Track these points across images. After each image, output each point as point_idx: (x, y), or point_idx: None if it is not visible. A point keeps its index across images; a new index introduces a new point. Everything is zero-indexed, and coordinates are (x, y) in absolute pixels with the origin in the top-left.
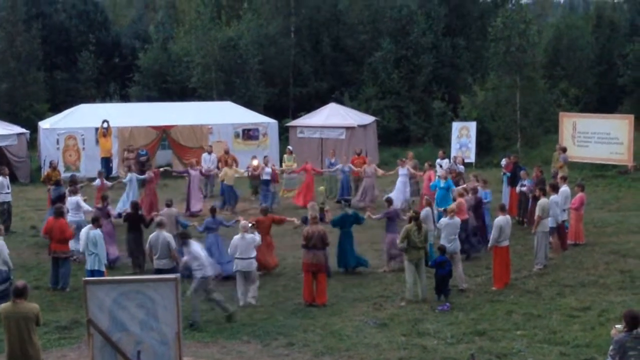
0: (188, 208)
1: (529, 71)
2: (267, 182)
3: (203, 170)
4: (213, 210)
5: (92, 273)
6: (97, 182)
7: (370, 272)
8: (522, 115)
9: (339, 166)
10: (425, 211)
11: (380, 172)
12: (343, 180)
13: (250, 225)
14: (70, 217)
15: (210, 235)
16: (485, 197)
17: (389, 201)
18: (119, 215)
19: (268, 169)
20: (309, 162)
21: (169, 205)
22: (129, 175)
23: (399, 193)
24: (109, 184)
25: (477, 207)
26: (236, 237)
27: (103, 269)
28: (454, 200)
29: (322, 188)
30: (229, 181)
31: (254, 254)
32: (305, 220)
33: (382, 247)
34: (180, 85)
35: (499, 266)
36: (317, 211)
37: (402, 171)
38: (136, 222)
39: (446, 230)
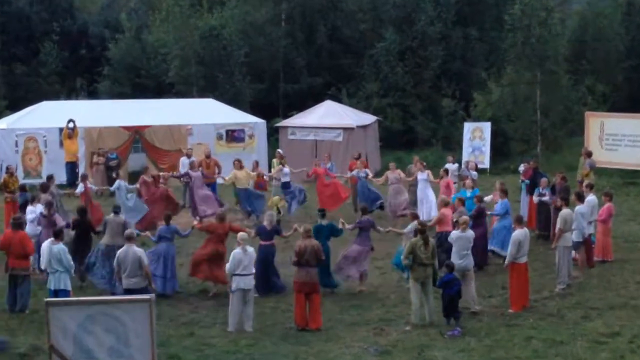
0: (195, 214)
1: (550, 65)
2: (286, 185)
3: (182, 172)
4: (168, 218)
5: (56, 293)
6: (81, 188)
7: (371, 292)
8: (543, 115)
9: (355, 172)
10: (413, 224)
11: (404, 177)
12: (360, 188)
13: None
14: (29, 229)
15: (162, 245)
16: (503, 208)
17: (364, 210)
18: (68, 225)
19: (286, 169)
20: (319, 165)
21: (116, 212)
22: (118, 182)
23: (420, 201)
24: (94, 188)
25: (478, 217)
26: (237, 252)
27: (69, 288)
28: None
29: (276, 198)
30: (241, 184)
31: (253, 269)
32: (259, 233)
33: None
34: (156, 81)
35: (517, 286)
36: (272, 221)
37: (422, 176)
38: (85, 229)
39: (457, 244)
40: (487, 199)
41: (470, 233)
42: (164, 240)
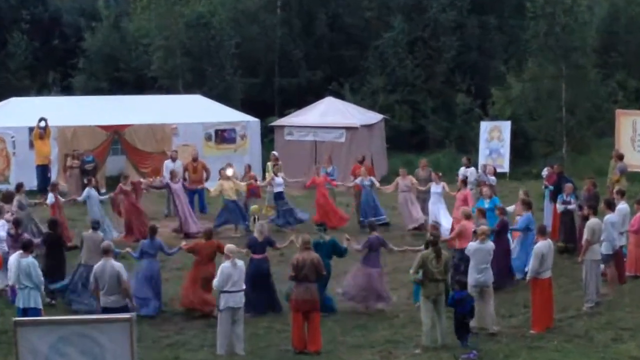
0: (181, 229)
1: (577, 58)
2: (279, 196)
3: (163, 181)
4: (152, 231)
5: (25, 312)
6: (51, 198)
7: (377, 311)
8: (569, 113)
9: (359, 180)
10: (487, 229)
11: (416, 183)
12: (364, 198)
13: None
14: None
15: (145, 262)
16: (523, 223)
17: (372, 227)
18: (44, 241)
19: (279, 179)
20: (319, 173)
21: (95, 228)
22: (87, 190)
23: (433, 217)
24: (62, 200)
25: (501, 233)
26: (226, 266)
27: (40, 306)
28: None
29: (255, 207)
30: (229, 194)
31: (244, 285)
32: (250, 246)
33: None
34: (137, 74)
35: (539, 304)
36: (263, 231)
37: (436, 188)
38: (55, 244)
39: (475, 257)
40: (509, 209)
41: (490, 245)
42: (146, 256)
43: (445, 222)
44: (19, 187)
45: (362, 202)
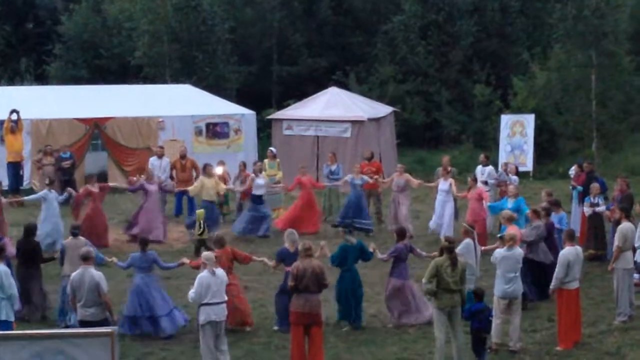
0: (130, 228)
1: (609, 44)
2: (258, 199)
3: (140, 182)
4: (143, 243)
5: None
6: None
7: (384, 326)
8: (600, 106)
9: (348, 177)
10: (465, 243)
11: (415, 182)
12: (352, 198)
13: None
14: None
15: (138, 277)
16: (560, 222)
17: (400, 233)
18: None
19: (260, 180)
20: (305, 173)
21: (74, 233)
22: (44, 191)
23: (437, 217)
24: (4, 200)
25: (549, 237)
26: (204, 275)
27: (11, 319)
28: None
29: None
30: (209, 195)
31: (225, 296)
32: (282, 259)
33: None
34: (120, 62)
35: (566, 318)
36: (294, 240)
37: (443, 185)
38: (31, 253)
39: (503, 265)
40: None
41: (519, 251)
42: (138, 271)
43: (449, 228)
44: None
45: (346, 202)
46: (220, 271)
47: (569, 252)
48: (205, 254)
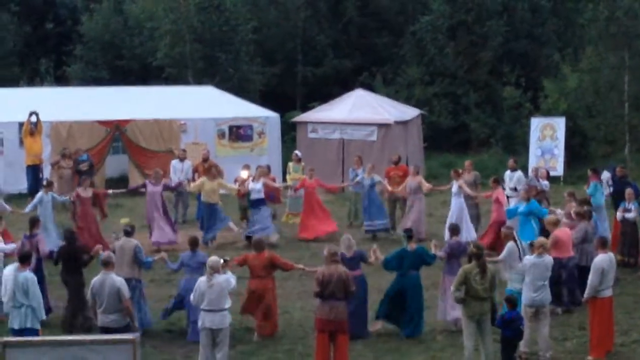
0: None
1: None
2: (258, 203)
3: (172, 184)
4: (193, 243)
5: (21, 333)
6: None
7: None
8: (633, 109)
9: (360, 177)
10: (508, 247)
11: (426, 186)
12: (366, 199)
13: (222, 261)
14: None
15: (189, 279)
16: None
17: (454, 230)
18: (51, 254)
19: (258, 185)
20: (312, 175)
21: (128, 233)
22: (39, 194)
23: (449, 218)
24: (7, 208)
25: (586, 240)
26: (202, 280)
27: (37, 326)
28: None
29: (125, 220)
30: (210, 197)
31: (228, 304)
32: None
33: (439, 293)
34: (141, 63)
35: (599, 326)
36: (352, 245)
37: (454, 187)
38: (73, 259)
39: (532, 273)
40: (559, 212)
41: (548, 259)
42: (187, 270)
43: (466, 231)
44: None
45: (364, 206)
46: (220, 278)
47: (603, 259)
48: (211, 259)
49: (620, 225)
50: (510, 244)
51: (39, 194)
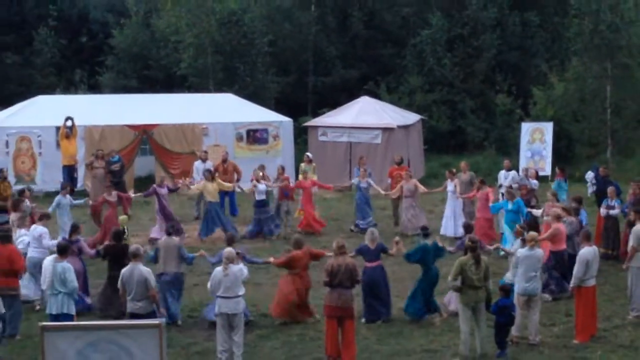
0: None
1: (623, 57)
2: (261, 204)
3: (195, 183)
4: (230, 239)
5: (57, 319)
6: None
7: (412, 319)
8: (614, 115)
9: (355, 180)
10: (518, 243)
11: (421, 188)
12: (358, 200)
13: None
14: (31, 251)
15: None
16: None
17: (468, 228)
18: (98, 253)
19: (262, 186)
20: (307, 177)
21: (169, 233)
22: (58, 197)
23: (447, 219)
24: (30, 205)
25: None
26: (218, 270)
27: (73, 312)
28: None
29: (123, 218)
30: (212, 197)
31: (242, 291)
32: (362, 254)
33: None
34: (166, 73)
35: (583, 313)
36: (375, 238)
37: (450, 187)
38: (122, 257)
39: (524, 264)
40: (537, 212)
41: (539, 252)
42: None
43: (458, 226)
44: (22, 192)
45: (356, 205)
46: (235, 268)
47: (588, 252)
48: (226, 250)
49: (603, 221)
50: (519, 240)
51: (58, 197)
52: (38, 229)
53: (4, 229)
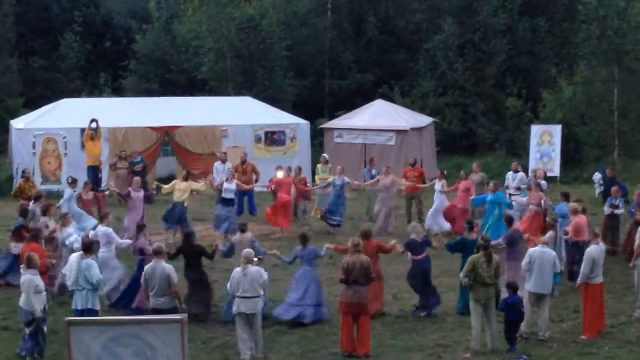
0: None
1: (630, 61)
2: (227, 202)
3: (215, 184)
4: (304, 238)
5: (82, 314)
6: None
7: (426, 315)
8: (622, 117)
9: (332, 179)
10: (550, 235)
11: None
12: (332, 196)
13: (256, 260)
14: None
15: (302, 270)
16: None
17: (510, 221)
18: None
19: (232, 185)
20: (290, 175)
21: (243, 230)
22: (68, 191)
23: (433, 216)
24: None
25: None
26: (237, 271)
27: (97, 307)
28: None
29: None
30: (177, 197)
31: (261, 292)
32: (410, 248)
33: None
34: (188, 77)
35: (591, 309)
36: (419, 232)
37: (437, 186)
38: (195, 257)
39: (537, 263)
40: (523, 200)
41: (552, 253)
42: (303, 263)
43: (443, 223)
44: (39, 197)
45: (329, 202)
46: (253, 269)
47: (594, 250)
48: (245, 251)
49: (606, 219)
50: (550, 233)
51: (68, 191)
52: (102, 229)
53: (36, 228)
